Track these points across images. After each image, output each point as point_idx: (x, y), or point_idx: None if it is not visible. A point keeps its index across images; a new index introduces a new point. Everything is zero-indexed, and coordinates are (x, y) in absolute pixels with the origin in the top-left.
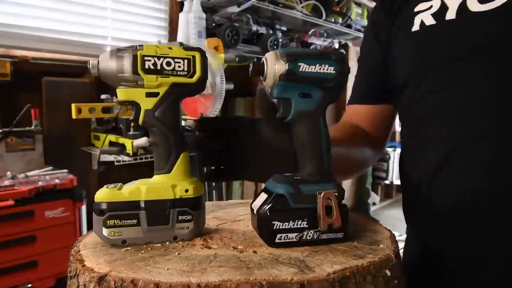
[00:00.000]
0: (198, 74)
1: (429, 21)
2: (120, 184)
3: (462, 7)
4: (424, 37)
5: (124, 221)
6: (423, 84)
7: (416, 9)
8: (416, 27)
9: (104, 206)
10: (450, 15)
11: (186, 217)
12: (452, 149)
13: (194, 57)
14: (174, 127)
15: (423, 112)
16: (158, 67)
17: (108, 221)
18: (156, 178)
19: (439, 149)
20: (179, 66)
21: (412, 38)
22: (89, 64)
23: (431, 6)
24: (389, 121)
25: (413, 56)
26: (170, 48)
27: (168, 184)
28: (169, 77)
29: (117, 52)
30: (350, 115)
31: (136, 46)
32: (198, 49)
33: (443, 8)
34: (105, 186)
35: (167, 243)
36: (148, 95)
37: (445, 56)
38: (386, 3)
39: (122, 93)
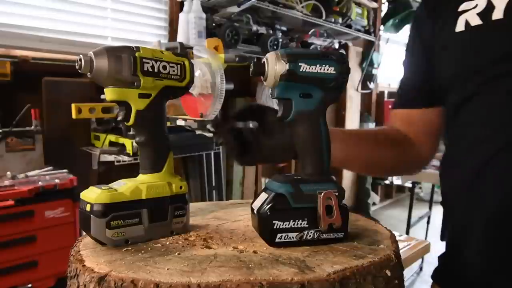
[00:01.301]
0: (187, 79)
1: (475, 21)
2: (107, 185)
3: (510, 7)
4: (470, 38)
5: (127, 220)
6: (469, 86)
7: (460, 9)
8: (460, 27)
9: (106, 208)
10: (497, 14)
11: (181, 212)
12: (494, 152)
13: (183, 62)
14: (162, 126)
15: (468, 115)
16: (156, 70)
17: (112, 222)
18: (147, 177)
19: (482, 152)
20: (173, 71)
21: (457, 38)
22: (80, 61)
23: (476, 5)
24: (435, 127)
25: (458, 58)
26: (162, 52)
27: (163, 181)
28: (163, 80)
29: (114, 52)
30: (394, 121)
31: (133, 47)
32: (185, 56)
33: (489, 7)
34: (91, 187)
35: (167, 242)
36: (141, 96)
37: (491, 58)
38: (429, 1)
39: (114, 93)
